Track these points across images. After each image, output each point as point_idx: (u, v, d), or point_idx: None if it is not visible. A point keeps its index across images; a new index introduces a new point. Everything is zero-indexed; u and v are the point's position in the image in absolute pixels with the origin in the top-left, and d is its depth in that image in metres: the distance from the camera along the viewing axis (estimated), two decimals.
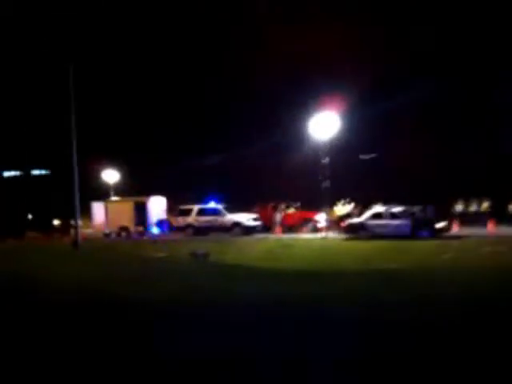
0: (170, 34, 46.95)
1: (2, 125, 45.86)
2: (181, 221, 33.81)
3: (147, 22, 46.79)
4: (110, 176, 41.59)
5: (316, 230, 31.42)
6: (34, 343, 7.83)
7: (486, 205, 31.07)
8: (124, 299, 11.16)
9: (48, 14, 41.33)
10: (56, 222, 38.14)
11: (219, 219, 32.68)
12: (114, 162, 41.88)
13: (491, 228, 29.03)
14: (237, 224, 32.19)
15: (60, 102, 32.65)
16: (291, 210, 33.75)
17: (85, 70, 34.44)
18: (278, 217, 32.82)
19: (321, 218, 31.23)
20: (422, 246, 22.69)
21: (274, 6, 42.49)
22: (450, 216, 28.81)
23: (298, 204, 34.34)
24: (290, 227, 32.78)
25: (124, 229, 35.98)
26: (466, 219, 30.67)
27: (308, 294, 11.37)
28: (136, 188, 40.14)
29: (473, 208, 31.65)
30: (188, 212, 33.79)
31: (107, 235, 35.95)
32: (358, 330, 8.02)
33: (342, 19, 42.69)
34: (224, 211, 32.96)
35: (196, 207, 33.75)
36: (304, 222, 32.67)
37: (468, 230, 28.01)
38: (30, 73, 45.10)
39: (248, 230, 31.85)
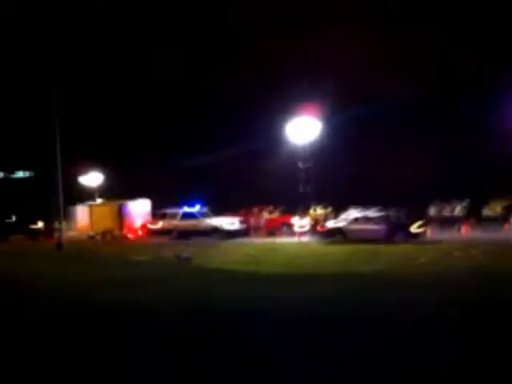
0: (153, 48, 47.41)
1: None
2: (164, 224, 34.31)
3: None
4: (94, 178, 41.95)
5: (293, 234, 31.76)
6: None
7: (459, 208, 31.77)
8: (96, 302, 11.75)
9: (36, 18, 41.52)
10: (40, 225, 38.43)
11: (199, 223, 33.17)
12: (98, 164, 42.18)
13: (465, 232, 29.81)
14: (216, 228, 32.66)
15: (44, 102, 33.00)
16: (275, 214, 34.27)
17: (70, 72, 34.84)
18: (262, 221, 33.37)
19: (296, 222, 31.49)
20: (398, 250, 23.46)
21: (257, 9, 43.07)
22: (424, 219, 29.45)
23: (283, 208, 34.74)
24: (270, 231, 33.35)
25: (108, 232, 36.43)
26: (441, 223, 31.36)
27: (284, 297, 12.16)
28: (121, 190, 40.43)
29: (447, 212, 32.38)
30: (170, 216, 34.33)
31: (91, 238, 36.39)
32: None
33: (324, 22, 43.59)
34: (204, 215, 33.47)
35: (178, 211, 34.29)
36: (282, 226, 33.22)
37: (442, 235, 28.85)
38: (14, 70, 45.10)
39: (229, 235, 32.32)
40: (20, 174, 48.53)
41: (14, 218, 38.68)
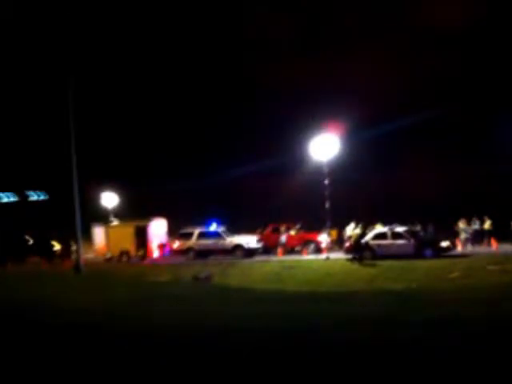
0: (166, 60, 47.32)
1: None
2: (181, 244, 33.59)
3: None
4: (110, 199, 41.33)
5: (318, 251, 31.11)
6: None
7: (488, 223, 30.75)
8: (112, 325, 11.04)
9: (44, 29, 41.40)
10: (57, 247, 37.72)
11: (220, 242, 32.45)
12: (112, 185, 41.70)
13: (494, 246, 28.82)
14: (238, 246, 31.96)
15: (58, 123, 32.51)
16: (293, 232, 33.53)
17: (83, 86, 34.28)
18: (283, 238, 32.54)
19: (323, 239, 30.93)
20: (427, 266, 22.54)
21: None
22: (452, 235, 28.59)
23: (299, 225, 34.12)
24: (291, 249, 32.51)
25: (125, 253, 35.68)
26: (470, 237, 30.42)
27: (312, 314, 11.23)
28: (135, 211, 39.92)
29: (475, 226, 31.32)
30: (189, 235, 33.59)
31: (108, 259, 35.63)
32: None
33: (346, 45, 43.29)
34: (225, 234, 32.76)
35: (197, 230, 33.58)
36: (305, 244, 32.39)
37: (471, 249, 27.88)
38: (28, 91, 45.03)
39: (249, 253, 31.60)
40: (34, 196, 48.13)
41: (30, 240, 37.91)
